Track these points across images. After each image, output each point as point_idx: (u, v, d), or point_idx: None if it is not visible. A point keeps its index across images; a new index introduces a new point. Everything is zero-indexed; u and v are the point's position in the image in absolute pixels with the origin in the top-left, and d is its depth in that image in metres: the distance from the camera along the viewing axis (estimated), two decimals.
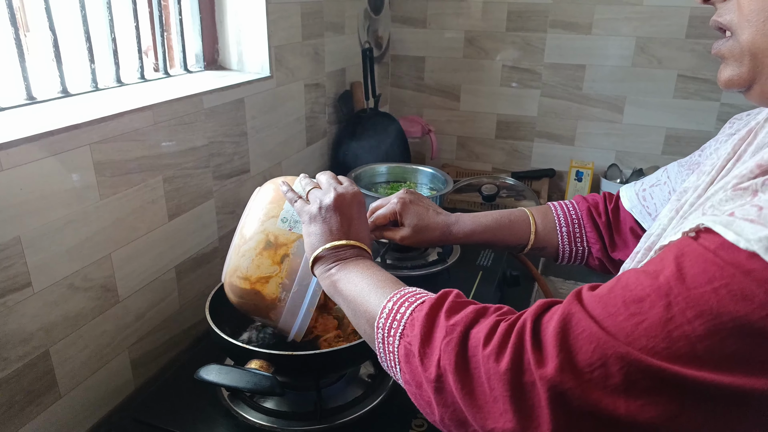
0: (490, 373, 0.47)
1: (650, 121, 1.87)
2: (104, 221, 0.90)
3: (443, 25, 1.98)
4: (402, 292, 0.61)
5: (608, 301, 0.45)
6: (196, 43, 1.27)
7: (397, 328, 0.58)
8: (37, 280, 0.80)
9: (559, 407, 0.43)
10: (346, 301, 0.68)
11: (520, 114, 2.01)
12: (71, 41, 0.98)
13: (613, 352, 0.42)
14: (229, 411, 0.88)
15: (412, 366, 0.55)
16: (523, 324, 0.48)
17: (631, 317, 0.43)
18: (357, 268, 0.69)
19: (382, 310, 0.60)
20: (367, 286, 0.66)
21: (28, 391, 0.82)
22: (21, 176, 0.76)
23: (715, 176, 0.59)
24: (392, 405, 0.91)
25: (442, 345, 0.52)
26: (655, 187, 0.87)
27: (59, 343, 0.86)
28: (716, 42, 0.56)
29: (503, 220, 0.93)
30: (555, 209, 0.95)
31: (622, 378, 0.41)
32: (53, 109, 0.90)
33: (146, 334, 1.04)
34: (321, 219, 0.74)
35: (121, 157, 0.92)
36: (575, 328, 0.45)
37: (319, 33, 1.53)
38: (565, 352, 0.44)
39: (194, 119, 1.07)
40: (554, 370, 0.43)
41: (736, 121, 0.75)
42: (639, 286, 0.44)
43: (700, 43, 1.74)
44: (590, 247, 0.92)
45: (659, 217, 0.65)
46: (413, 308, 0.58)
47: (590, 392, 0.42)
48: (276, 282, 0.81)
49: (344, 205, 0.75)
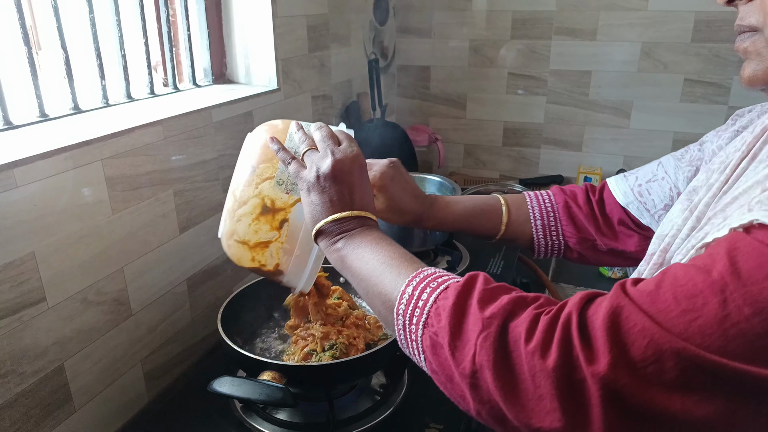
0: (535, 370, 0.45)
1: (657, 126, 1.87)
2: (116, 235, 0.91)
3: (448, 34, 1.99)
4: (422, 275, 0.58)
5: (658, 297, 0.43)
6: (205, 58, 1.29)
7: (420, 317, 0.55)
8: (51, 295, 0.81)
9: (611, 405, 0.42)
10: (356, 278, 0.65)
11: (527, 121, 2.01)
12: (82, 58, 1.00)
13: (668, 347, 0.40)
14: (242, 423, 0.88)
15: (441, 358, 0.52)
16: (568, 317, 0.46)
17: (684, 314, 0.41)
18: (365, 242, 0.66)
19: (401, 295, 0.57)
20: (380, 263, 0.62)
21: (44, 406, 0.82)
22: (34, 192, 0.77)
23: (729, 174, 0.59)
24: (404, 415, 0.91)
25: (478, 340, 0.49)
26: (652, 183, 0.85)
27: (74, 357, 0.86)
28: (738, 38, 0.55)
29: (476, 210, 0.91)
30: (530, 201, 0.93)
31: (677, 374, 0.40)
32: (65, 125, 0.91)
33: (159, 346, 1.05)
34: (320, 188, 0.69)
35: (133, 172, 0.93)
36: (626, 321, 0.43)
37: (325, 45, 1.54)
38: (618, 348, 0.42)
39: (203, 133, 1.08)
40: (607, 366, 0.41)
41: (738, 118, 0.74)
42: (690, 282, 0.42)
43: (705, 46, 1.74)
44: (566, 241, 0.90)
45: (670, 218, 0.64)
46: (437, 295, 0.55)
47: (644, 389, 0.41)
48: (276, 247, 0.79)
49: (344, 171, 0.69)
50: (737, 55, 0.56)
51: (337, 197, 0.69)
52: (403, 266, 0.61)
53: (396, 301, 0.58)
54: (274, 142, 0.76)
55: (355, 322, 0.94)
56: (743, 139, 0.63)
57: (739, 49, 0.55)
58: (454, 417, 0.89)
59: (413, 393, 0.95)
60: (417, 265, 0.61)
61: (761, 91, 0.56)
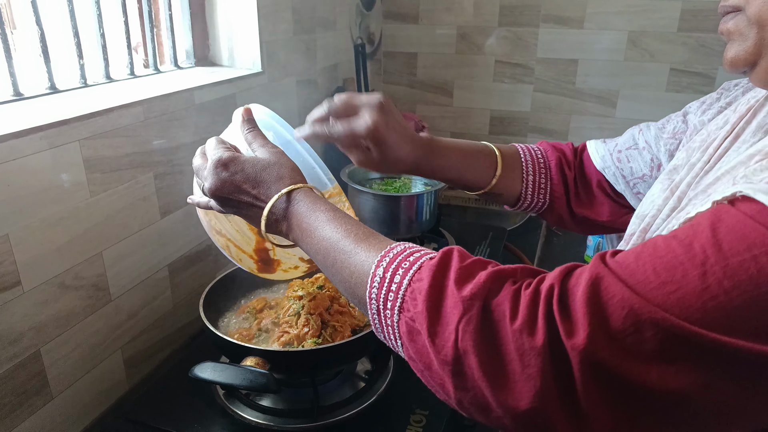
0: (524, 349, 0.43)
1: (643, 116, 1.87)
2: (95, 219, 0.89)
3: (435, 20, 1.97)
4: (391, 254, 0.54)
5: (637, 268, 0.42)
6: (187, 39, 1.26)
7: (394, 301, 0.51)
8: (26, 279, 0.79)
9: (593, 378, 0.41)
10: (319, 264, 0.61)
11: (514, 109, 2.00)
12: (59, 37, 0.97)
13: (648, 317, 0.40)
14: (224, 409, 0.87)
15: (419, 345, 0.49)
16: (550, 290, 0.44)
17: (663, 285, 0.40)
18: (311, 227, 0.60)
19: (372, 279, 0.53)
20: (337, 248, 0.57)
21: (19, 393, 0.80)
22: (9, 172, 0.74)
23: (712, 154, 0.58)
24: (390, 401, 0.90)
25: (460, 324, 0.46)
26: (632, 150, 0.82)
27: (50, 343, 0.84)
28: (722, 20, 0.54)
29: (471, 156, 0.85)
30: (523, 154, 0.87)
31: (656, 344, 0.40)
32: (41, 105, 0.88)
33: (139, 333, 1.03)
34: (229, 210, 0.68)
35: (112, 154, 0.90)
36: (606, 292, 0.42)
37: (311, 28, 1.51)
38: (597, 319, 0.41)
39: (185, 115, 1.05)
40: (585, 339, 0.41)
41: (725, 92, 0.73)
42: (670, 253, 0.41)
43: (692, 36, 1.75)
44: (553, 201, 0.87)
45: (651, 198, 0.64)
46: (410, 277, 0.51)
47: (624, 360, 0.40)
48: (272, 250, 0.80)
49: (221, 190, 0.65)
50: (723, 45, 0.56)
51: (245, 205, 0.66)
52: (365, 247, 0.56)
53: (367, 285, 0.53)
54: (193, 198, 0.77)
55: (339, 309, 0.93)
56: (725, 117, 0.63)
57: (722, 31, 0.54)
58: (440, 403, 0.88)
59: (399, 379, 0.94)
60: (381, 242, 0.56)
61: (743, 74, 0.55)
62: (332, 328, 0.88)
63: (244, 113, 0.73)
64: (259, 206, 0.64)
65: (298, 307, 0.90)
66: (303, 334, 0.86)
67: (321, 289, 0.95)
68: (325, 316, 0.89)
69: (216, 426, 0.85)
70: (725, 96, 0.72)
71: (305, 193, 0.63)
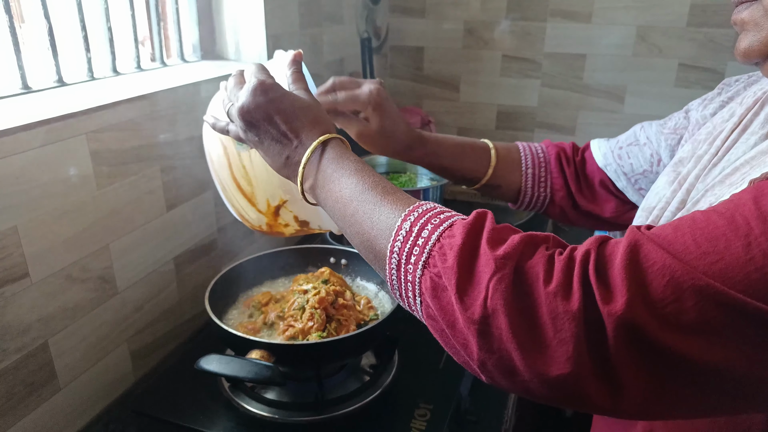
0: (557, 312, 0.42)
1: (651, 111, 1.86)
2: (101, 211, 0.89)
3: (442, 15, 1.97)
4: (420, 209, 0.52)
5: (676, 239, 0.41)
6: (193, 33, 1.26)
7: (419, 256, 0.49)
8: (34, 271, 0.79)
9: (628, 345, 0.40)
10: (334, 216, 0.59)
11: (520, 104, 1.99)
12: (67, 31, 0.97)
13: (690, 284, 0.38)
14: (229, 402, 0.88)
15: (443, 302, 0.47)
16: (586, 255, 0.43)
17: (704, 256, 0.39)
18: (332, 170, 0.59)
19: (397, 231, 0.51)
20: (359, 199, 0.56)
21: (28, 383, 0.81)
22: (17, 165, 0.74)
23: (719, 146, 0.58)
24: (394, 396, 0.91)
25: (491, 282, 0.44)
26: (633, 147, 0.83)
27: (58, 334, 0.85)
28: (735, 10, 0.53)
29: (465, 147, 0.88)
30: (523, 149, 0.90)
31: (697, 313, 0.38)
32: (49, 98, 0.89)
33: (145, 326, 1.03)
34: (251, 140, 0.64)
35: (118, 147, 0.90)
36: (646, 259, 0.41)
37: (317, 22, 1.51)
38: (636, 285, 0.40)
39: (192, 108, 1.06)
40: (623, 305, 0.39)
41: (725, 86, 0.73)
42: (711, 225, 0.40)
43: (701, 31, 1.73)
44: (554, 194, 0.88)
45: (656, 190, 0.64)
46: (440, 232, 0.49)
47: (663, 329, 0.39)
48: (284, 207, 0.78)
49: (253, 112, 0.62)
50: (732, 40, 0.55)
51: (268, 138, 0.62)
52: (391, 200, 0.54)
53: (390, 238, 0.51)
54: (209, 118, 0.72)
55: (344, 303, 0.93)
56: (731, 110, 0.62)
57: (736, 22, 0.53)
58: (444, 397, 0.89)
59: (403, 373, 0.94)
60: (409, 198, 0.55)
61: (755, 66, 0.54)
62: (337, 322, 0.88)
63: (296, 55, 0.72)
64: (284, 143, 0.62)
65: (303, 302, 0.90)
66: (308, 328, 0.87)
67: (326, 283, 0.95)
68: (330, 310, 0.90)
69: (221, 418, 0.86)
70: (726, 91, 0.72)
71: (337, 142, 0.62)
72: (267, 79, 0.63)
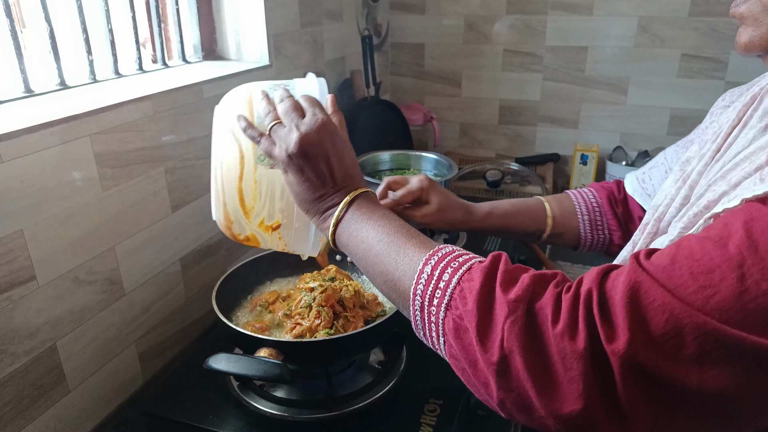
0: (565, 352, 0.44)
1: (654, 102, 1.85)
2: (107, 213, 0.89)
3: (442, 11, 1.96)
4: (440, 254, 0.56)
5: (674, 272, 0.42)
6: (194, 34, 1.26)
7: (441, 298, 0.52)
8: (41, 274, 0.79)
9: (633, 380, 0.41)
10: (357, 257, 0.62)
11: (523, 99, 1.99)
12: (68, 33, 0.97)
13: (689, 321, 0.40)
14: (239, 401, 0.87)
15: (465, 343, 0.50)
16: (588, 294, 0.45)
17: (701, 290, 0.41)
18: (361, 217, 0.63)
19: (419, 275, 0.55)
20: (385, 241, 0.59)
21: (37, 386, 0.81)
22: (21, 168, 0.75)
23: (721, 144, 0.58)
24: (403, 391, 0.90)
25: (505, 324, 0.47)
26: (653, 170, 0.87)
27: (66, 337, 0.85)
28: (734, 3, 0.54)
29: (520, 206, 0.93)
30: (575, 197, 0.95)
31: (696, 348, 0.40)
32: (51, 101, 0.89)
33: (153, 327, 1.03)
34: (295, 168, 0.65)
35: (122, 148, 0.90)
36: (645, 296, 0.42)
37: (318, 21, 1.51)
38: (637, 323, 0.42)
39: (194, 109, 1.06)
40: (626, 343, 0.41)
41: (728, 95, 0.75)
42: (706, 256, 0.42)
43: (703, 21, 1.72)
44: (611, 234, 0.92)
45: (664, 189, 0.65)
46: (460, 276, 0.52)
47: (664, 363, 0.41)
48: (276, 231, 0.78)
49: (313, 144, 0.64)
50: (734, 29, 0.55)
51: (314, 174, 0.65)
52: (414, 244, 0.58)
53: (413, 280, 0.55)
54: (241, 119, 0.72)
55: (352, 301, 0.93)
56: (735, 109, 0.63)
57: (734, 15, 0.54)
58: (453, 392, 0.89)
59: (412, 369, 0.94)
60: (430, 242, 0.59)
61: (758, 57, 0.54)
62: (345, 319, 0.88)
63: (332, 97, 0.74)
64: (324, 184, 0.65)
65: (310, 299, 0.90)
66: (315, 326, 0.86)
67: (332, 281, 0.95)
68: (336, 307, 0.89)
69: (230, 417, 0.86)
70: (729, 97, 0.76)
71: (368, 194, 0.67)
72: (330, 121, 0.66)
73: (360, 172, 0.68)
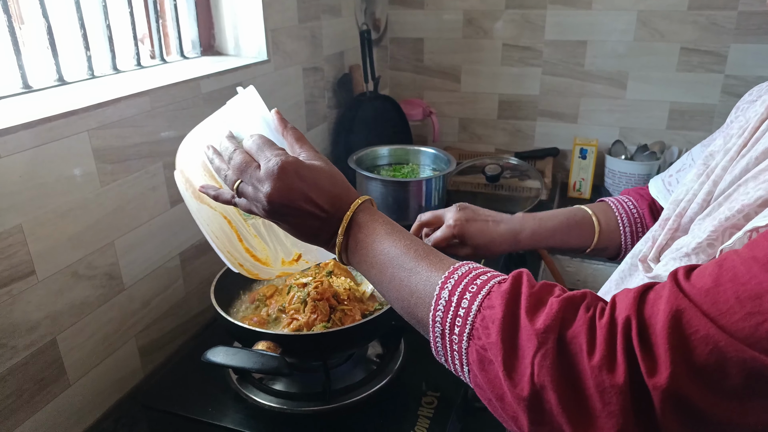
0: (604, 386, 0.42)
1: (654, 96, 1.85)
2: (105, 208, 0.90)
3: (441, 5, 1.96)
4: (456, 275, 0.52)
5: (718, 297, 0.40)
6: (192, 29, 1.26)
7: (462, 327, 0.49)
8: (40, 269, 0.80)
9: (674, 413, 0.40)
10: (371, 280, 0.60)
11: (522, 93, 1.99)
12: (66, 30, 0.97)
13: (734, 355, 0.38)
14: (238, 394, 0.88)
15: (491, 375, 0.47)
16: (627, 323, 0.43)
17: (749, 317, 0.38)
18: (366, 241, 0.59)
19: (436, 301, 0.52)
20: (395, 265, 0.56)
21: (38, 380, 0.82)
22: (20, 163, 0.75)
23: (748, 138, 0.57)
24: (401, 384, 0.91)
25: (536, 359, 0.44)
26: (681, 172, 0.84)
27: (66, 331, 0.85)
28: None
29: (570, 222, 0.89)
30: (616, 207, 0.91)
31: (740, 381, 0.39)
32: (50, 97, 0.89)
33: (153, 321, 1.04)
34: (278, 218, 0.62)
35: (120, 144, 0.91)
36: (688, 326, 0.40)
37: (316, 16, 1.51)
38: (680, 355, 0.40)
39: (192, 104, 1.06)
40: (668, 377, 0.40)
41: (756, 89, 0.73)
42: (753, 279, 0.39)
43: (702, 14, 1.72)
44: None
45: (685, 182, 0.63)
46: (480, 302, 0.49)
47: (704, 395, 0.39)
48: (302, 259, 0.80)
49: (285, 194, 0.59)
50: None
51: (299, 217, 0.60)
52: (427, 264, 0.55)
53: (431, 307, 0.52)
54: (208, 189, 0.68)
55: (349, 294, 0.93)
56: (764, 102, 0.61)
57: None
58: (451, 385, 0.89)
59: (410, 362, 0.94)
60: (443, 261, 0.55)
61: None
62: (342, 312, 0.89)
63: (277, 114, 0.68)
64: (316, 217, 0.60)
65: (304, 295, 0.90)
66: (312, 321, 0.87)
67: (330, 274, 0.96)
68: (332, 301, 0.90)
69: (230, 410, 0.86)
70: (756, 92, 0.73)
71: (365, 205, 0.62)
72: (286, 157, 0.60)
73: (343, 179, 0.63)
